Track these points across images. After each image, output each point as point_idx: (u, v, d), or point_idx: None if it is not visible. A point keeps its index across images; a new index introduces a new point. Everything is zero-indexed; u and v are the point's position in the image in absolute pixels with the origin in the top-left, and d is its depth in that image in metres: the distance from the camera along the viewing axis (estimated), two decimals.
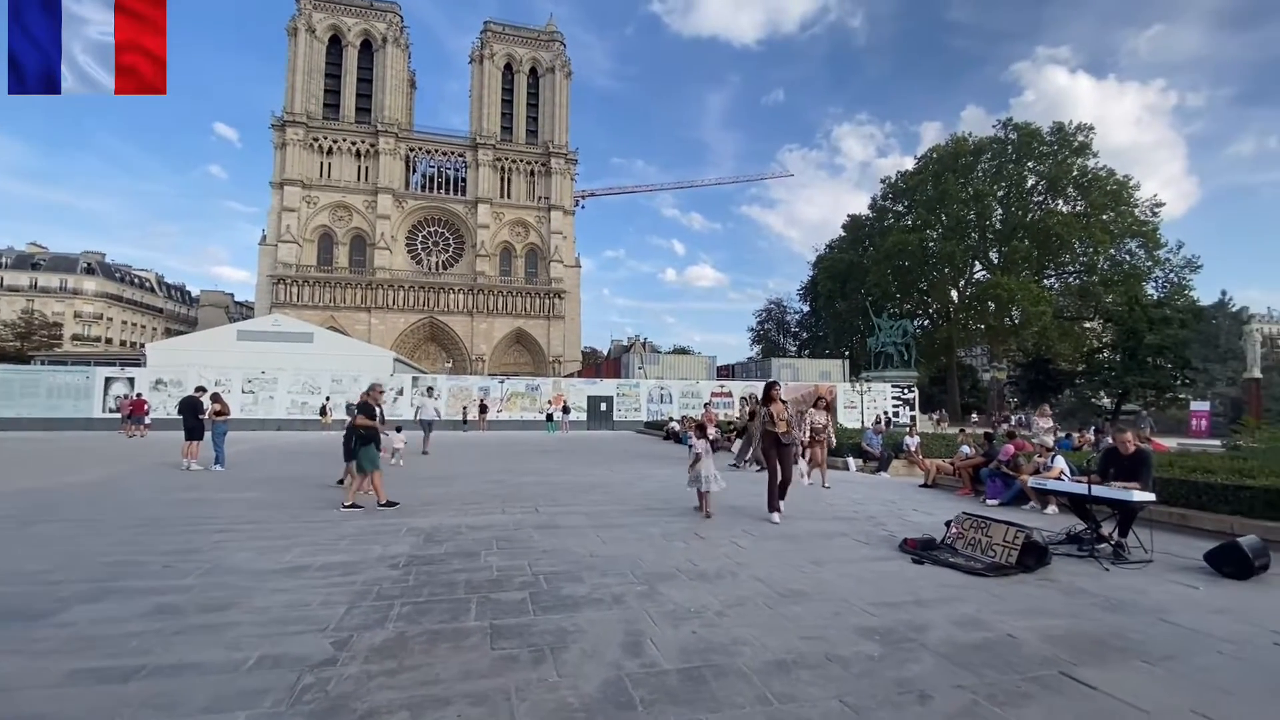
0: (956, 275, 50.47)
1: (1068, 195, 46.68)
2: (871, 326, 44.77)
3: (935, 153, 50.92)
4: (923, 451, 12.68)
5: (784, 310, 72.41)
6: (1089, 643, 3.57)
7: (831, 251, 61.27)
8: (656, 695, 2.80)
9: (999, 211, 48.43)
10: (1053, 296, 46.33)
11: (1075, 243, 45.19)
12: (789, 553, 5.67)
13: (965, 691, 2.91)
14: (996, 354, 54.94)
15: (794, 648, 3.39)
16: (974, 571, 5.06)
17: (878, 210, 57.35)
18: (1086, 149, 45.79)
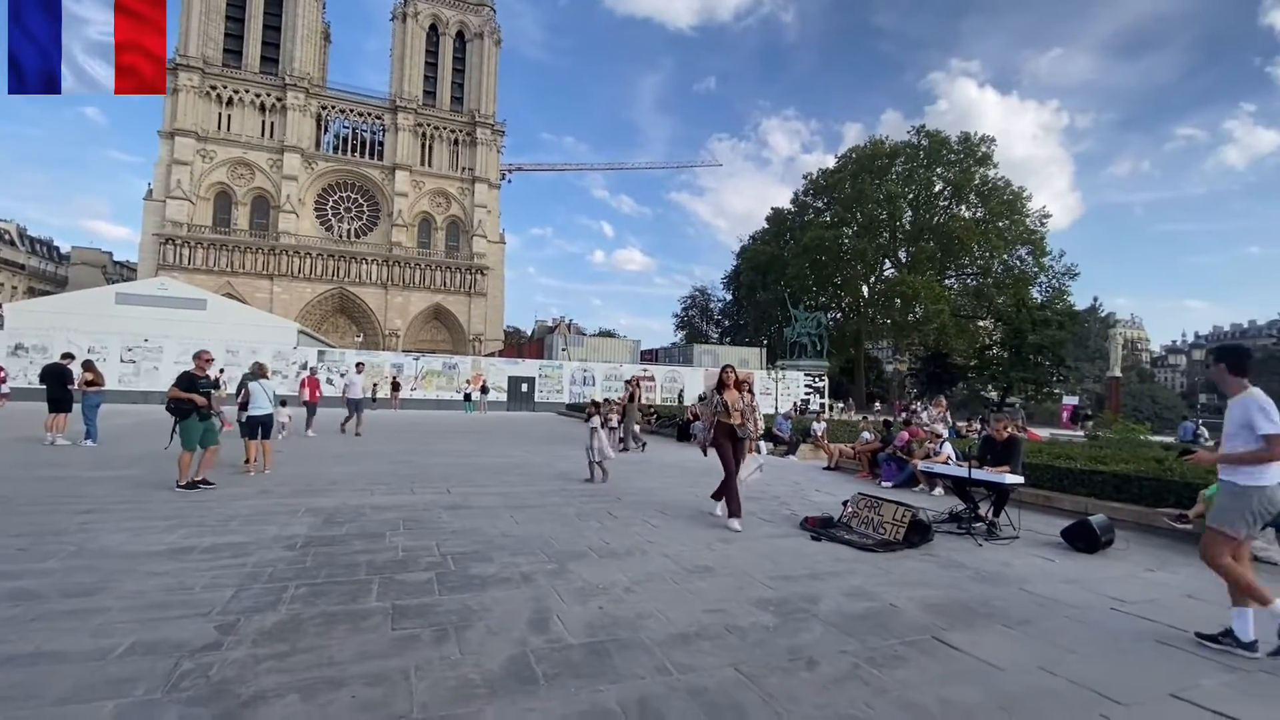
0: (868, 272, 53.28)
1: (970, 202, 50.19)
2: (789, 317, 46.53)
3: (854, 153, 53.25)
4: (828, 437, 13.40)
5: (708, 298, 73.93)
6: (960, 610, 3.94)
7: (755, 243, 63.01)
8: (559, 669, 2.84)
9: (909, 213, 51.39)
10: (952, 296, 49.91)
11: (974, 246, 48.75)
12: (698, 531, 5.86)
13: (849, 656, 3.13)
14: (900, 347, 58.61)
15: (697, 620, 3.53)
16: (866, 547, 5.44)
17: (799, 205, 59.41)
18: (988, 159, 49.37)
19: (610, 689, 2.68)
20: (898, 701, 2.68)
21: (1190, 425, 21.61)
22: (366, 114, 67.42)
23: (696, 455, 13.41)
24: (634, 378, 14.83)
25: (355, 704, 2.49)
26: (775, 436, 14.11)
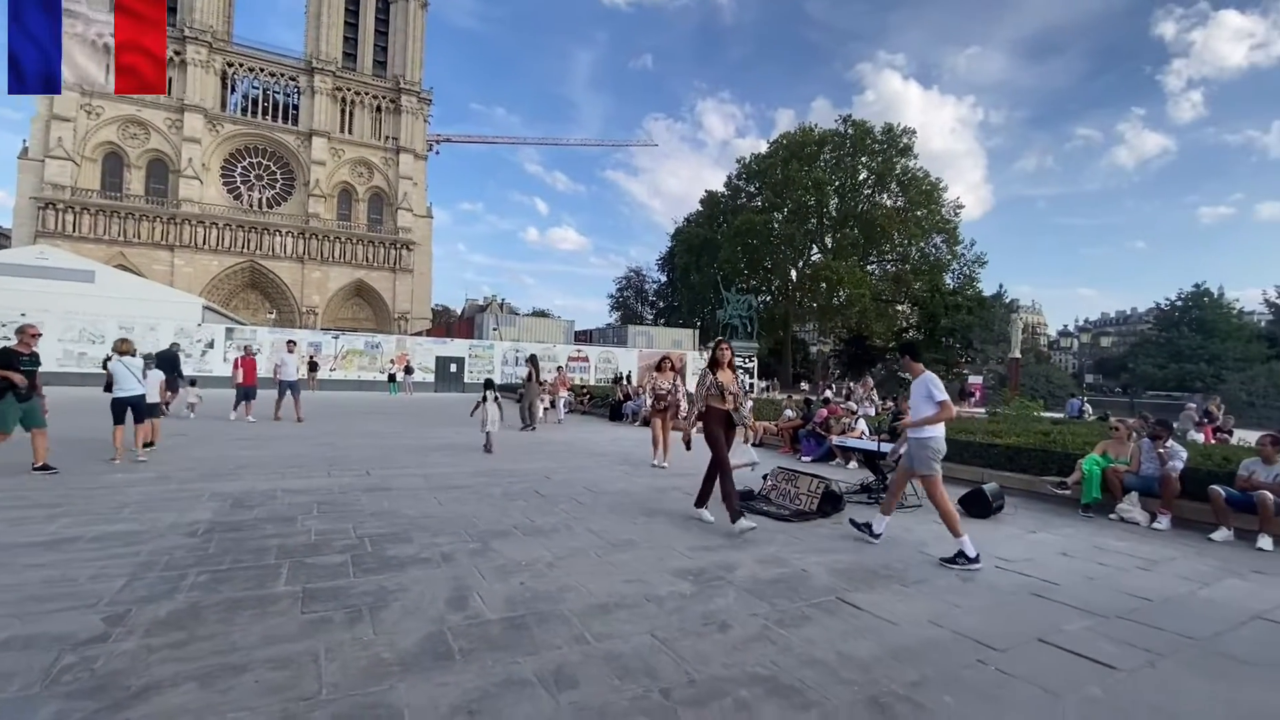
0: (796, 256, 54.91)
1: (891, 191, 52.45)
2: (721, 299, 47.42)
3: (785, 139, 54.41)
4: (754, 415, 13.83)
5: (643, 279, 74.13)
6: (864, 573, 4.22)
7: (689, 225, 63.56)
8: (476, 644, 2.85)
9: (835, 200, 53.19)
10: (873, 281, 52.27)
11: (894, 234, 51.12)
12: (625, 507, 5.96)
13: (759, 619, 3.30)
14: (825, 330, 60.98)
15: (617, 591, 3.61)
16: (782, 518, 5.71)
17: (732, 189, 60.29)
18: (909, 150, 51.68)
19: (527, 660, 2.71)
20: (801, 658, 2.86)
21: (1077, 401, 23.72)
22: (279, 74, 62.68)
23: (628, 433, 13.55)
24: (534, 355, 14.63)
25: (259, 688, 2.41)
26: None
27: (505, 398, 19.45)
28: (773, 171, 53.06)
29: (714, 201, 61.88)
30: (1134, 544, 5.37)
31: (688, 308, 61.30)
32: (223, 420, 12.74)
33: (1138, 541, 5.47)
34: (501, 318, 42.73)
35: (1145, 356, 54.79)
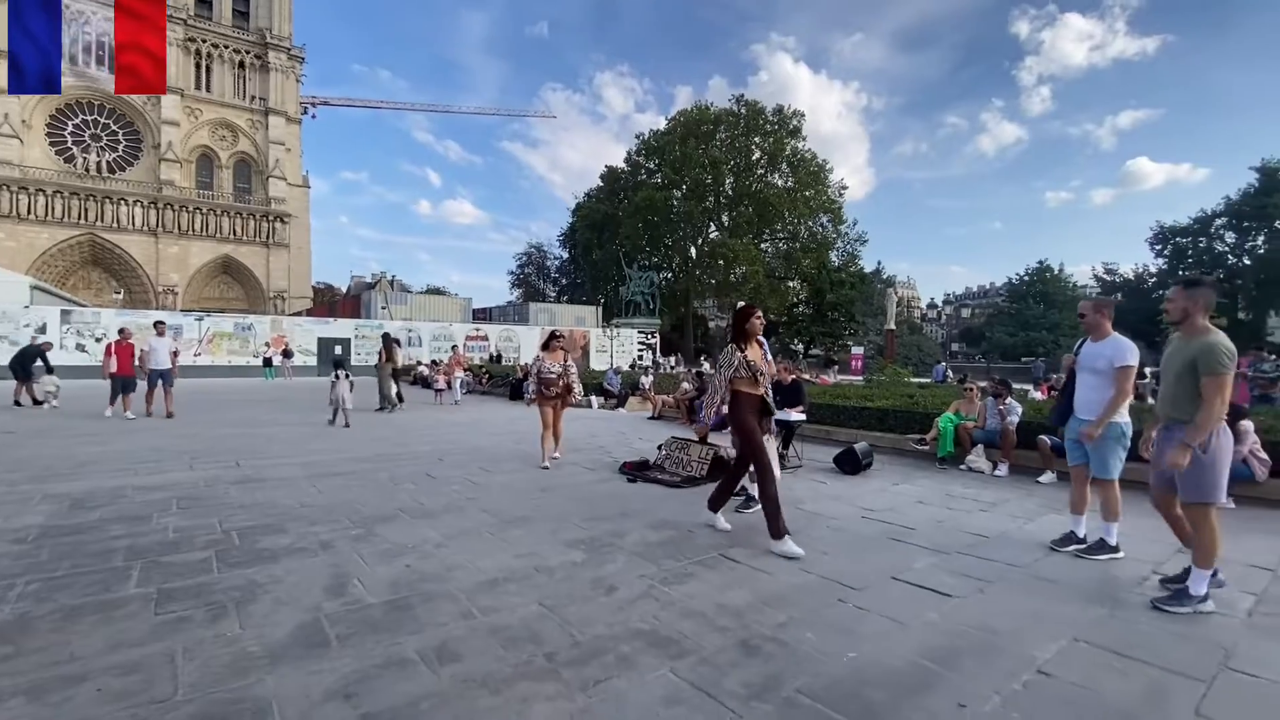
0: (695, 234, 56.07)
1: (782, 171, 54.62)
2: (624, 276, 47.65)
3: (683, 117, 54.98)
4: (654, 389, 14.17)
5: (544, 255, 72.77)
6: (745, 530, 4.50)
7: (590, 200, 62.92)
8: (356, 629, 2.76)
9: (730, 179, 54.64)
10: (766, 259, 54.52)
11: (785, 213, 53.44)
12: (519, 485, 5.94)
13: (645, 580, 3.45)
14: (723, 306, 63.06)
15: (507, 566, 3.62)
16: (675, 485, 5.94)
17: (632, 165, 60.26)
18: (798, 132, 53.92)
19: (410, 640, 2.67)
20: (681, 611, 3.02)
21: (941, 367, 26.22)
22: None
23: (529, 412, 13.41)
24: (389, 334, 14.02)
25: (101, 697, 2.21)
26: (606, 391, 14.59)
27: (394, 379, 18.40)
28: (671, 149, 53.54)
29: (615, 177, 61.63)
30: (978, 490, 6.10)
31: (591, 284, 61.04)
32: (67, 415, 11.24)
33: (981, 488, 6.21)
34: (392, 295, 40.48)
35: (999, 326, 61.53)
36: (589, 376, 17.12)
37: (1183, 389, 3.28)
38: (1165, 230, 49.97)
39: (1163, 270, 51.05)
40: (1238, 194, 45.87)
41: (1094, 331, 4.17)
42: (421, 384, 20.41)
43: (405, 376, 24.23)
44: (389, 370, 13.03)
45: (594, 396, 14.43)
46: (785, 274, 57.65)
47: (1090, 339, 4.20)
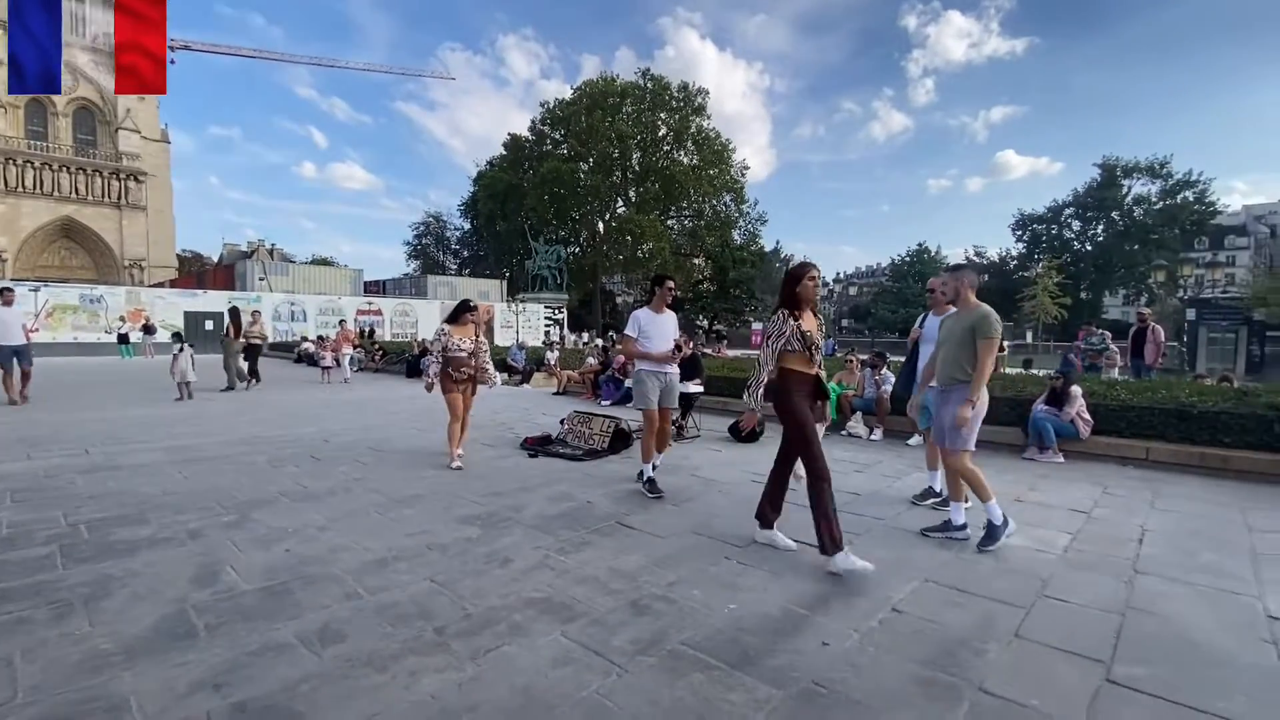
0: (603, 209, 55.73)
1: (688, 149, 55.27)
2: (529, 249, 46.62)
3: (589, 87, 54.03)
4: (560, 364, 14.10)
5: (444, 225, 69.53)
6: (642, 499, 4.64)
7: (493, 169, 60.67)
8: (227, 618, 2.61)
9: (637, 154, 54.61)
10: (672, 236, 55.29)
11: (691, 191, 54.29)
12: (410, 464, 5.76)
13: (541, 550, 3.49)
14: (631, 282, 63.46)
15: (397, 545, 3.53)
16: (576, 458, 6.00)
17: (537, 134, 58.65)
18: (703, 110, 54.63)
19: (289, 625, 2.56)
20: (576, 577, 3.10)
21: (831, 342, 28.03)
22: None
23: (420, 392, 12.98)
24: (235, 307, 13.08)
25: None
26: (510, 367, 14.34)
27: (274, 355, 17.41)
28: (577, 119, 52.59)
29: (519, 146, 59.74)
30: (855, 453, 6.63)
31: (495, 257, 59.28)
32: None
33: (858, 451, 6.76)
34: (271, 265, 37.24)
35: (883, 303, 66.30)
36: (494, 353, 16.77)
37: (964, 353, 3.74)
38: (1025, 217, 55.70)
39: (1022, 254, 56.96)
40: (1083, 187, 51.88)
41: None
42: (307, 361, 19.06)
43: (286, 353, 22.54)
44: (236, 347, 12.06)
45: (497, 373, 14.16)
46: (691, 251, 58.78)
47: (938, 311, 4.61)
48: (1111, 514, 4.54)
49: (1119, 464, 6.22)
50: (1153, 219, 49.44)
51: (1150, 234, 49.15)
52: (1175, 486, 5.37)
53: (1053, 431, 6.42)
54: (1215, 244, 57.06)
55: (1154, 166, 49.32)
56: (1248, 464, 5.75)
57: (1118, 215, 51.01)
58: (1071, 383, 6.75)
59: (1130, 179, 50.66)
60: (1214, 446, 6.00)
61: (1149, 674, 2.32)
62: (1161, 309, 38.26)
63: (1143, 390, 7.06)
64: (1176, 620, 2.80)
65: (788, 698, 2.09)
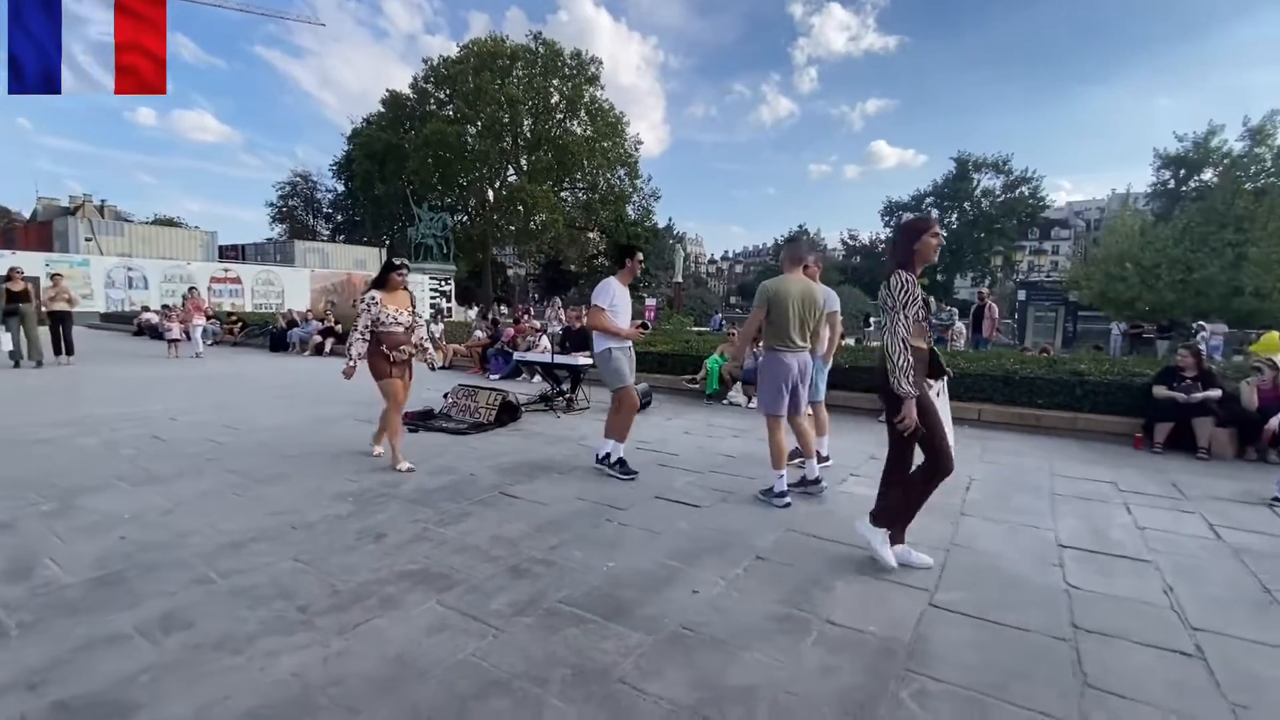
0: (493, 176, 53.61)
1: (581, 119, 54.32)
2: (412, 216, 43.94)
3: (476, 46, 51.30)
4: (445, 338, 13.55)
5: (314, 186, 63.59)
6: (528, 468, 4.64)
7: (370, 128, 56.16)
8: (45, 614, 2.32)
9: (529, 121, 52.90)
10: (566, 208, 54.45)
11: (585, 162, 53.56)
12: (275, 442, 5.34)
13: (420, 524, 3.40)
14: (523, 254, 62.01)
15: (257, 526, 3.29)
16: (461, 432, 5.85)
17: (420, 92, 54.96)
18: (596, 80, 53.76)
19: (123, 615, 2.32)
20: (455, 547, 3.06)
21: (718, 317, 29.12)
22: None
23: (292, 364, 12.00)
24: (12, 271, 11.10)
25: None
26: None
27: (109, 328, 15.67)
28: (464, 80, 49.85)
29: (399, 104, 55.68)
30: (734, 420, 7.00)
31: (372, 223, 55.35)
32: None
33: (737, 419, 7.14)
34: (101, 225, 32.37)
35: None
36: None
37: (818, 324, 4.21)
38: (892, 204, 60.43)
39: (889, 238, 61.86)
40: (941, 179, 57.11)
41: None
42: (150, 334, 16.90)
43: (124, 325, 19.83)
44: (17, 319, 10.22)
45: None
46: (585, 224, 58.30)
47: None
48: None
49: (956, 424, 7.04)
50: (996, 210, 55.54)
51: (994, 224, 55.25)
52: (1000, 442, 6.20)
53: None
54: (1044, 235, 65.47)
55: (998, 163, 55.25)
56: (1055, 421, 6.75)
57: (968, 205, 56.77)
58: None
59: (979, 173, 56.43)
60: (1030, 407, 6.97)
61: (964, 597, 2.70)
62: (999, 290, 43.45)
63: (978, 360, 8.02)
64: (989, 552, 3.27)
65: (657, 642, 2.22)
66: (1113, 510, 4.10)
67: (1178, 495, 4.51)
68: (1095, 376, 6.85)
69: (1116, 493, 4.52)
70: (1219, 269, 22.29)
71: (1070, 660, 2.22)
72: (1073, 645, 2.32)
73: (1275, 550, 3.45)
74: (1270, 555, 3.37)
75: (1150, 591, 2.84)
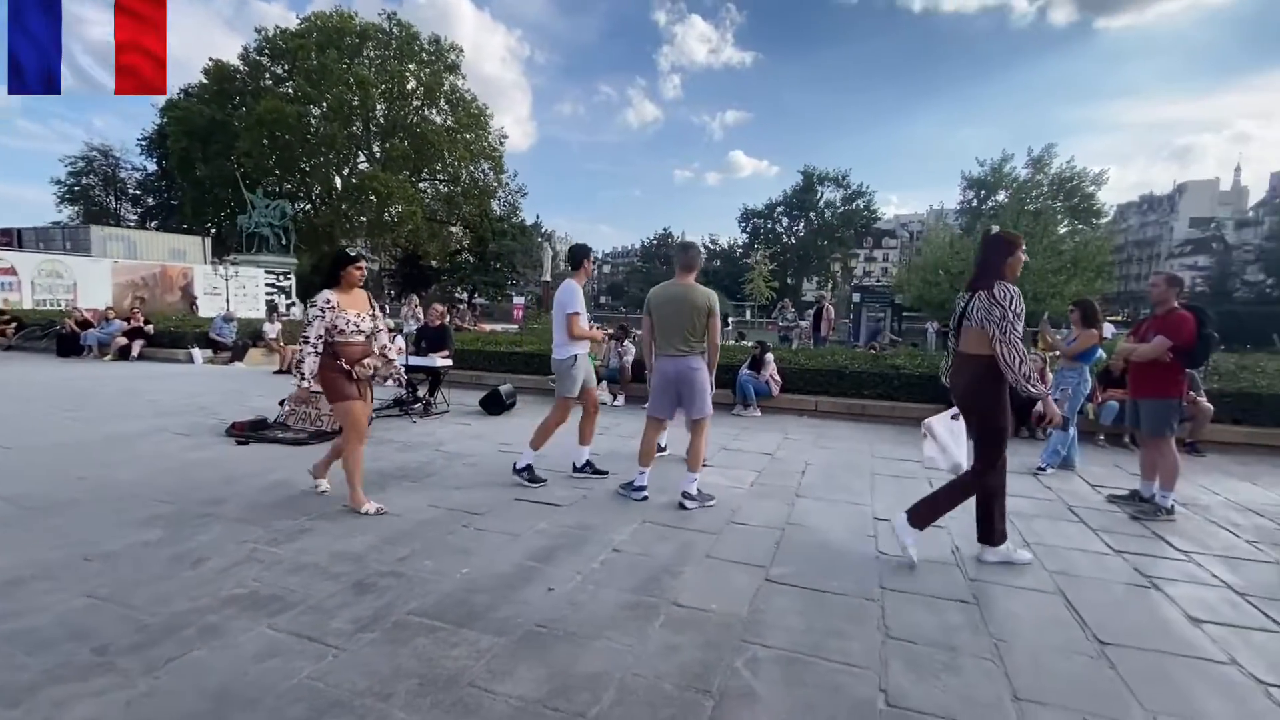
0: (340, 162, 49.49)
1: (441, 108, 51.82)
2: (243, 202, 39.25)
3: (321, 21, 47.03)
4: (284, 338, 12.32)
5: (117, 163, 54.46)
6: (377, 477, 4.39)
7: (191, 100, 49.27)
8: None
9: (382, 106, 49.52)
10: (425, 200, 51.72)
11: (445, 153, 51.18)
12: (65, 463, 4.57)
13: (248, 544, 3.10)
14: (376, 247, 57.97)
15: (37, 560, 2.81)
16: (300, 442, 5.38)
17: (252, 65, 49.19)
18: (457, 69, 51.55)
19: None
20: (291, 566, 2.84)
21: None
22: None
23: (87, 370, 10.29)
24: None
25: None
26: (215, 342, 12.07)
27: None
28: (305, 56, 45.43)
29: (225, 76, 49.39)
30: (602, 419, 7.11)
31: (193, 208, 48.65)
32: None
33: (603, 416, 7.24)
34: None
35: (634, 282, 71.41)
36: (193, 325, 13.98)
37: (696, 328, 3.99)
38: (747, 212, 64.49)
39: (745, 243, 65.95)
40: (791, 189, 61.88)
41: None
42: None
43: None
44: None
45: (196, 349, 11.82)
46: (447, 218, 55.80)
47: None
48: (788, 454, 5.68)
49: (798, 415, 7.75)
50: (836, 220, 61.30)
51: (835, 233, 60.97)
52: (833, 430, 6.92)
53: (753, 391, 7.72)
54: (876, 244, 73.69)
55: (838, 177, 61.02)
56: (878, 410, 7.66)
57: (814, 215, 62.11)
58: (767, 350, 8.17)
59: (823, 186, 61.96)
60: (858, 398, 7.84)
61: (794, 571, 3.01)
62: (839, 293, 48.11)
63: (817, 356, 8.87)
64: (817, 529, 3.66)
65: (510, 643, 2.23)
66: (920, 485, 4.75)
67: None
68: (910, 370, 7.87)
69: (923, 470, 5.25)
70: None
71: (876, 617, 2.56)
72: (879, 604, 2.69)
73: (1036, 510, 4.23)
74: (1033, 514, 4.12)
75: (941, 552, 3.36)
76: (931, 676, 2.13)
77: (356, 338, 3.68)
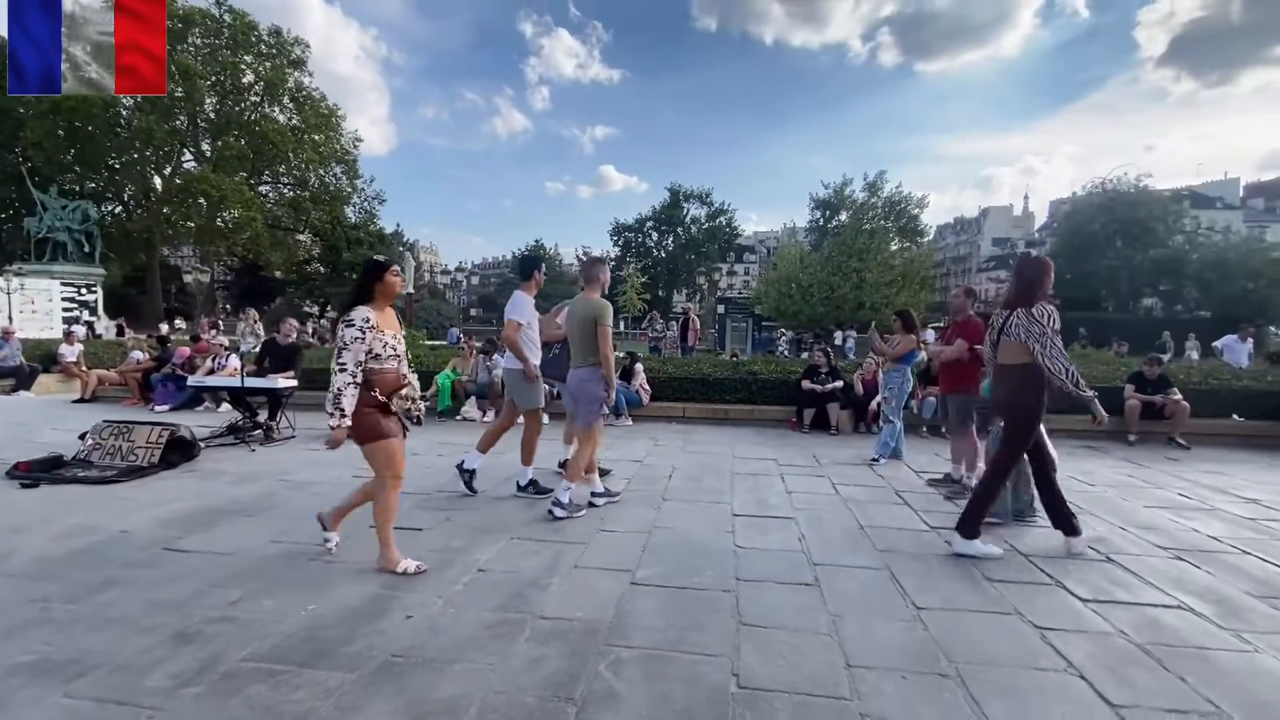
0: (161, 160, 43.55)
1: (284, 105, 47.45)
2: (30, 202, 33.16)
3: None
4: (86, 362, 10.57)
5: None
6: (206, 515, 3.93)
7: None
8: None
9: (213, 100, 44.42)
10: (267, 205, 46.98)
11: (289, 155, 46.86)
12: None
13: (39, 604, 2.64)
14: (206, 256, 51.71)
15: None
16: (107, 480, 4.66)
17: None
18: (303, 65, 47.44)
19: None
20: (93, 624, 2.46)
21: (455, 331, 28.29)
22: None
23: None
24: None
25: None
26: None
27: None
28: None
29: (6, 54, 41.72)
30: (469, 436, 6.86)
31: None
32: None
33: (472, 434, 7.01)
34: None
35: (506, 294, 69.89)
36: None
37: (588, 340, 4.12)
38: (619, 226, 65.77)
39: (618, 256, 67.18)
40: (659, 205, 64.05)
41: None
42: None
43: None
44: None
45: None
46: (294, 225, 51.12)
47: None
48: (657, 460, 5.88)
49: (667, 422, 8.04)
50: (702, 236, 64.38)
51: (700, 247, 63.94)
52: (698, 435, 7.26)
53: (624, 400, 7.89)
54: (738, 258, 78.32)
55: (703, 195, 64.17)
56: (739, 413, 8.15)
57: (681, 230, 64.74)
58: (636, 361, 8.39)
59: (689, 203, 64.80)
60: (721, 403, 8.30)
61: (658, 572, 3.13)
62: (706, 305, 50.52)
63: (683, 365, 9.26)
64: (682, 530, 3.83)
65: (362, 677, 2.10)
66: (773, 481, 5.14)
67: (815, 464, 5.85)
68: (765, 375, 8.48)
69: (777, 467, 5.68)
70: (849, 289, 29.42)
71: (731, 607, 2.74)
72: (734, 595, 2.87)
73: (870, 497, 4.73)
74: (866, 501, 4.60)
75: (790, 541, 3.66)
76: (778, 656, 2.32)
77: (392, 363, 3.12)
